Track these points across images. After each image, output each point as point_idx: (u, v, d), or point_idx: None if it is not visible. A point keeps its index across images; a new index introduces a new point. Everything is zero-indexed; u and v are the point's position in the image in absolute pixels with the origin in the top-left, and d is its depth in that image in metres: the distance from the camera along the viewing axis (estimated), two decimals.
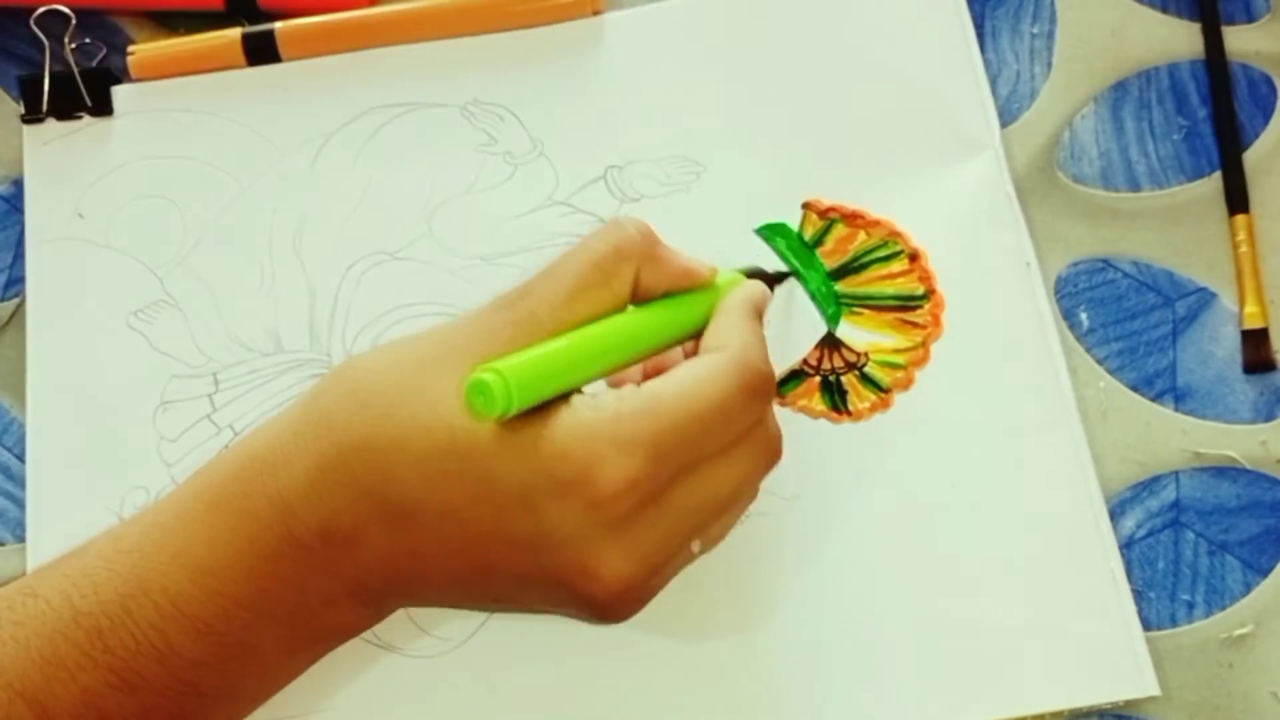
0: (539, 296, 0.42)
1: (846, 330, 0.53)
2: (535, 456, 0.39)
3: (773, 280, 0.52)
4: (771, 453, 0.44)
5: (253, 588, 0.40)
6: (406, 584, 0.42)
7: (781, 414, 0.52)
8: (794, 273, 0.54)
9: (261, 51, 0.59)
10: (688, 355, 0.46)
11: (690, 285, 0.46)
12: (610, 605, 0.41)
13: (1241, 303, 0.52)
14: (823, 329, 0.53)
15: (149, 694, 0.40)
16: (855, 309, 0.53)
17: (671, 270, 0.45)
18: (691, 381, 0.41)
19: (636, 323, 0.43)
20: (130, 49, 0.59)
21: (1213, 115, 0.55)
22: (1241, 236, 0.53)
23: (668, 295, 0.45)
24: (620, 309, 0.43)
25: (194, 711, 0.41)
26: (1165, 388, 0.52)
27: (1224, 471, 0.51)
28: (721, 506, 0.42)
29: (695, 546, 0.43)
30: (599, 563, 0.39)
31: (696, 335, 0.45)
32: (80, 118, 0.59)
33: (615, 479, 0.39)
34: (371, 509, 0.40)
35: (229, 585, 0.40)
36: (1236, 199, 0.54)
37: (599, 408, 0.40)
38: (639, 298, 0.44)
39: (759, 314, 0.46)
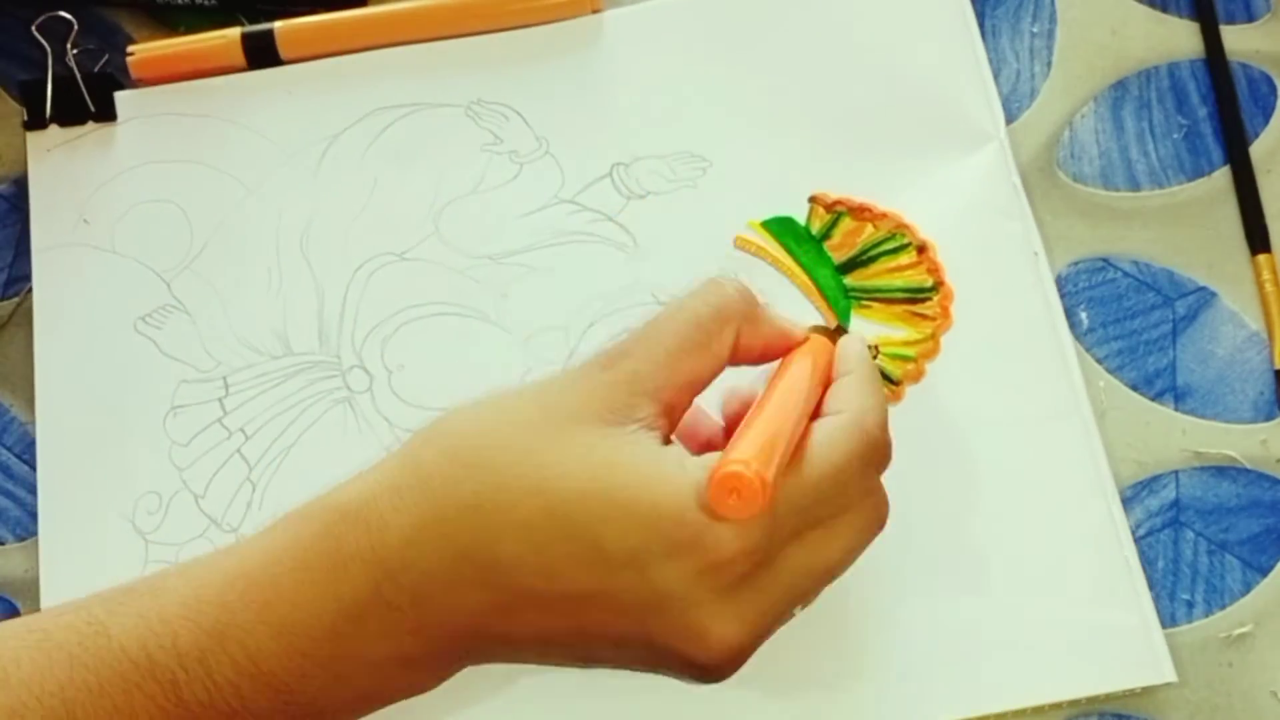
0: (640, 356, 0.41)
1: (856, 323, 0.53)
2: (650, 521, 0.38)
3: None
4: (879, 520, 0.43)
5: (335, 649, 0.40)
6: (493, 644, 0.41)
7: None
8: (802, 267, 0.54)
9: (261, 51, 0.58)
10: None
11: (787, 346, 0.45)
12: (715, 668, 0.40)
13: (1272, 341, 0.52)
14: (832, 323, 0.54)
15: None
16: (864, 302, 0.54)
17: (769, 332, 0.44)
18: (811, 447, 0.40)
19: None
20: (130, 49, 0.58)
21: (1220, 131, 0.55)
22: (1267, 275, 0.53)
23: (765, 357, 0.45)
24: (719, 371, 0.43)
25: None
26: (1165, 387, 0.52)
27: (1224, 471, 0.51)
28: (828, 573, 0.42)
29: (796, 609, 0.42)
30: (708, 626, 0.39)
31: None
32: (84, 123, 0.58)
33: (732, 544, 0.38)
34: (469, 571, 0.39)
35: (310, 645, 0.39)
36: (1258, 239, 0.54)
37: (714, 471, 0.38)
38: (736, 359, 0.44)
39: (876, 371, 0.45)
